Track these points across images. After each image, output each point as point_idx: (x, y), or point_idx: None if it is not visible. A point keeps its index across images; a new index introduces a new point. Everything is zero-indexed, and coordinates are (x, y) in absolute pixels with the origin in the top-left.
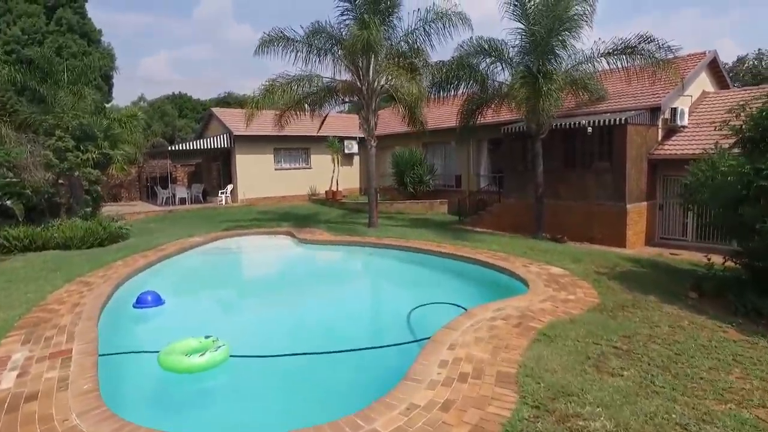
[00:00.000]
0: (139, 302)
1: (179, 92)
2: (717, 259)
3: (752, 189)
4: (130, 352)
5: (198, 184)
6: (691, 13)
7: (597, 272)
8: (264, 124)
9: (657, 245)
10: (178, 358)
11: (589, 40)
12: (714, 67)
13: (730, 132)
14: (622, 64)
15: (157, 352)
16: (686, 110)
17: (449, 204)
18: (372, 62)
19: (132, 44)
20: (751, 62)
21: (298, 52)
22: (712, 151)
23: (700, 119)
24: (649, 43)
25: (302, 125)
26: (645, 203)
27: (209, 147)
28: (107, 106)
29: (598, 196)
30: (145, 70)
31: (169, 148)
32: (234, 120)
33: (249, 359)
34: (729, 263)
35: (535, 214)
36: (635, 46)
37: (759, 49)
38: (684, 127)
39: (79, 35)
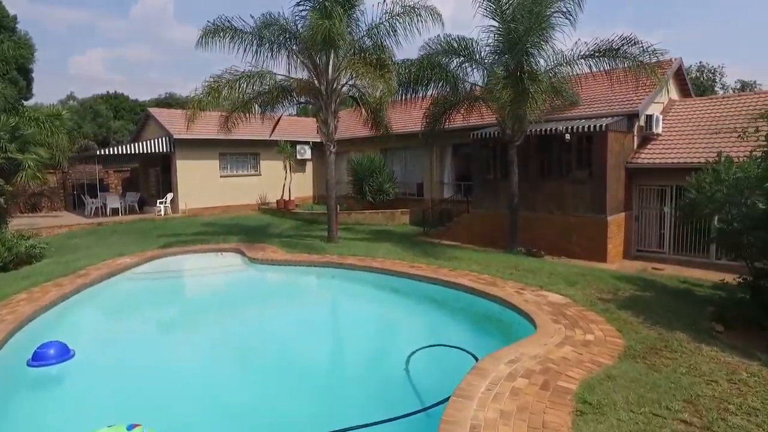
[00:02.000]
0: (37, 358)
1: (115, 92)
2: (709, 276)
3: None
4: None
5: (133, 193)
6: (623, 31)
7: (600, 299)
8: (208, 126)
9: (635, 258)
10: None
11: (565, 41)
12: (679, 75)
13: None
14: (603, 67)
15: None
16: (661, 117)
17: (411, 214)
18: (332, 59)
19: (65, 40)
20: (693, 74)
21: (247, 45)
22: (714, 161)
23: (671, 127)
24: (632, 45)
25: (251, 128)
26: (623, 214)
27: (145, 151)
28: (26, 103)
29: (576, 207)
30: (81, 68)
31: (98, 152)
32: (174, 122)
33: None
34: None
35: (509, 226)
36: (618, 49)
37: (700, 62)
38: (658, 134)
39: None
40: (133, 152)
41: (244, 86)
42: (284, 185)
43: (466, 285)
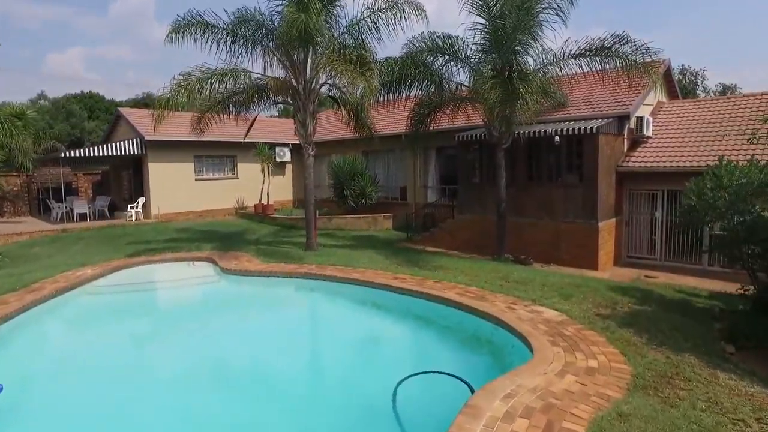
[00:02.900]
0: None
1: (90, 91)
2: (704, 285)
3: None
4: None
5: (104, 197)
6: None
7: (599, 314)
8: (182, 127)
9: (626, 265)
10: None
11: (555, 40)
12: (667, 76)
13: None
14: (595, 66)
15: None
16: (651, 119)
17: (394, 218)
18: (310, 56)
19: (40, 38)
20: (676, 77)
21: (221, 41)
22: (715, 165)
23: (660, 130)
24: (625, 44)
25: (228, 129)
26: (614, 219)
27: (115, 153)
28: None
29: (566, 212)
30: (57, 67)
31: (63, 154)
32: (145, 123)
33: None
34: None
35: (497, 233)
36: (610, 47)
37: (683, 65)
38: (648, 137)
39: None
40: (101, 154)
41: (217, 85)
42: (262, 189)
43: (454, 300)
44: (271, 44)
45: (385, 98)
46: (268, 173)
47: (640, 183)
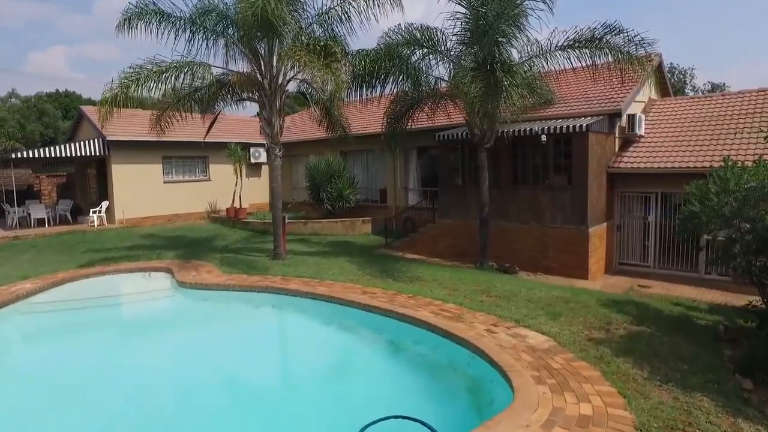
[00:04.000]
0: None
1: (66, 90)
2: (702, 296)
3: None
4: None
5: (66, 200)
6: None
7: (591, 338)
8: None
9: (618, 273)
10: None
11: (542, 30)
12: (659, 72)
13: None
14: (584, 59)
15: None
16: (643, 117)
17: (373, 222)
18: (276, 48)
19: (22, 35)
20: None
21: (179, 32)
22: (719, 167)
23: (653, 128)
24: (617, 34)
25: (199, 129)
26: (605, 224)
27: (75, 154)
28: None
29: (554, 217)
30: (40, 66)
31: (14, 155)
32: (109, 122)
33: None
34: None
35: (479, 239)
36: (600, 38)
37: (671, 63)
38: (641, 136)
39: None
40: (59, 155)
41: (173, 80)
42: (235, 192)
43: (427, 321)
44: (234, 36)
45: (358, 94)
46: (240, 175)
47: (632, 185)
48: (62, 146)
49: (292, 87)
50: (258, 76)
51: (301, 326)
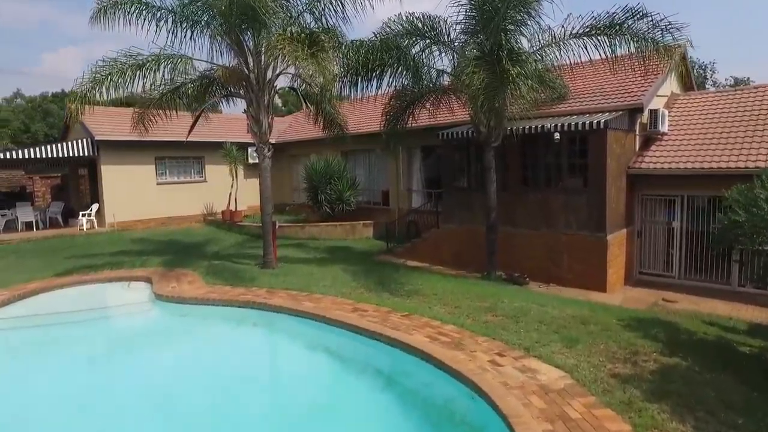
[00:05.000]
0: None
1: (71, 90)
2: (739, 312)
3: None
4: None
5: (57, 203)
6: None
7: (615, 374)
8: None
9: (639, 284)
10: None
11: (554, 16)
12: (683, 63)
13: None
14: (602, 48)
15: None
16: (666, 113)
17: (375, 226)
18: (264, 39)
19: (35, 36)
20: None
21: (160, 22)
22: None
23: (677, 125)
24: (640, 19)
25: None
26: (624, 231)
27: (62, 155)
28: None
29: (567, 223)
30: (53, 67)
31: None
32: (97, 121)
33: None
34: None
35: (486, 246)
36: (621, 24)
37: (690, 57)
38: (664, 134)
39: None
40: (45, 156)
41: (152, 74)
42: (230, 194)
43: (421, 349)
44: (219, 27)
45: (353, 89)
46: (236, 176)
47: (654, 187)
48: (48, 146)
49: (284, 82)
50: (244, 69)
51: (280, 350)
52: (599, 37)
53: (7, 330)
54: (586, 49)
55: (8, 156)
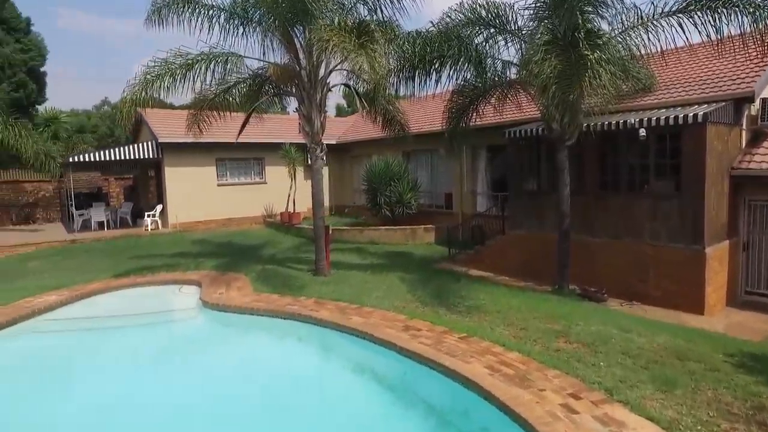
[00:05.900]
0: None
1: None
2: None
3: None
4: None
5: (128, 203)
6: None
7: None
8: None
9: (744, 306)
10: None
11: None
12: None
13: None
14: (705, 27)
15: None
16: None
17: (437, 231)
18: (314, 33)
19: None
20: None
21: (213, 20)
22: None
23: None
24: None
25: (253, 129)
26: (726, 243)
27: (129, 157)
28: (39, 107)
29: (655, 233)
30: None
31: (72, 159)
32: (162, 124)
33: None
34: None
35: (558, 256)
36: None
37: None
38: None
39: None
40: (115, 158)
41: (204, 73)
42: (289, 195)
43: (480, 384)
44: (272, 22)
45: (411, 84)
46: (295, 177)
47: (765, 191)
48: (116, 149)
49: (338, 79)
50: (296, 66)
51: (321, 373)
52: (700, 12)
53: (56, 333)
54: (682, 27)
55: (82, 159)
